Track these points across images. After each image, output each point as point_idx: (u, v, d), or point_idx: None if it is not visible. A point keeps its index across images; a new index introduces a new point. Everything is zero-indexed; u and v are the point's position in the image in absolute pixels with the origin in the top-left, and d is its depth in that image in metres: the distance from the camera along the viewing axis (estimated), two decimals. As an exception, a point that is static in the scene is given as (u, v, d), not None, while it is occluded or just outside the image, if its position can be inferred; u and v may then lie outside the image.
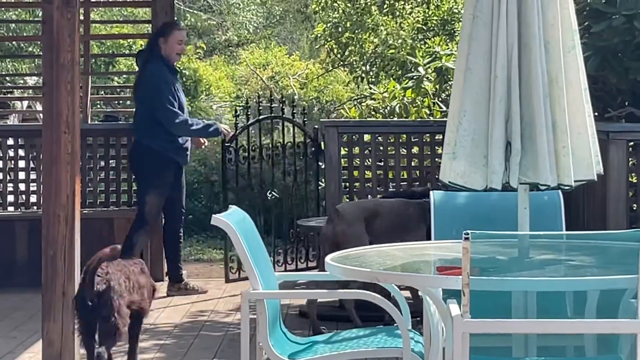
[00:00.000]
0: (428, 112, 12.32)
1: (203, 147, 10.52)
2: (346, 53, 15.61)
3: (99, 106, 11.55)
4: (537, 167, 5.25)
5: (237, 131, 11.00)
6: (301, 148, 11.78)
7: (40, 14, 7.78)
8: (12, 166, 11.26)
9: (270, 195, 10.52)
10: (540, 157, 5.24)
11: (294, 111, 13.01)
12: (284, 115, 11.54)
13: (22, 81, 15.95)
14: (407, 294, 7.42)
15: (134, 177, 10.47)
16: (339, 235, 8.28)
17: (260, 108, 11.47)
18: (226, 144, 10.36)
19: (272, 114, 11.91)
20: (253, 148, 10.91)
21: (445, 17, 14.57)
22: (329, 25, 15.68)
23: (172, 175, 10.10)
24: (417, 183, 10.56)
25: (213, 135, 10.25)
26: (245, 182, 11.47)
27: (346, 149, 10.77)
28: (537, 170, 5.24)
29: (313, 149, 11.48)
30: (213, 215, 5.51)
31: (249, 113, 11.91)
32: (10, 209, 11.18)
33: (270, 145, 12.03)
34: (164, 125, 9.80)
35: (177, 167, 10.07)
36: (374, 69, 15.18)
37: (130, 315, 6.82)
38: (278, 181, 12.63)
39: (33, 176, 11.12)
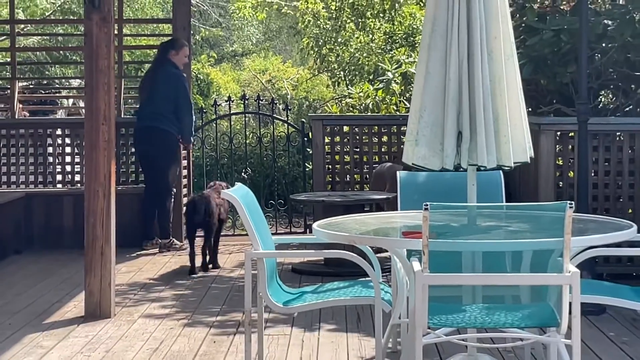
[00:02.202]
0: (395, 108, 12.37)
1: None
2: (324, 63, 15.66)
3: (130, 103, 11.59)
4: (482, 151, 5.19)
5: (218, 117, 11.27)
6: (291, 138, 11.99)
7: (82, 29, 7.85)
8: (60, 151, 11.17)
9: (245, 174, 10.57)
10: (485, 144, 5.20)
11: (283, 109, 13.09)
12: (262, 112, 11.61)
13: (68, 83, 15.81)
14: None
15: (148, 157, 10.13)
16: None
17: (261, 105, 11.58)
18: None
19: (264, 112, 11.99)
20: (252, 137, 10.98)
21: (407, 31, 14.55)
22: (311, 39, 15.73)
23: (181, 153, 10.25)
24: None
25: (190, 136, 10.10)
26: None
27: (329, 138, 10.70)
28: (482, 154, 5.20)
29: (305, 138, 11.64)
30: (222, 190, 5.63)
31: (246, 104, 12.05)
32: (59, 186, 11.07)
33: (268, 135, 12.20)
34: (177, 114, 9.86)
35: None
36: (349, 74, 15.24)
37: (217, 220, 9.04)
38: (268, 163, 12.76)
39: (77, 159, 11.10)
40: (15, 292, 8.06)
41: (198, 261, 8.96)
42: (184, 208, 9.73)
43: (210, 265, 9.07)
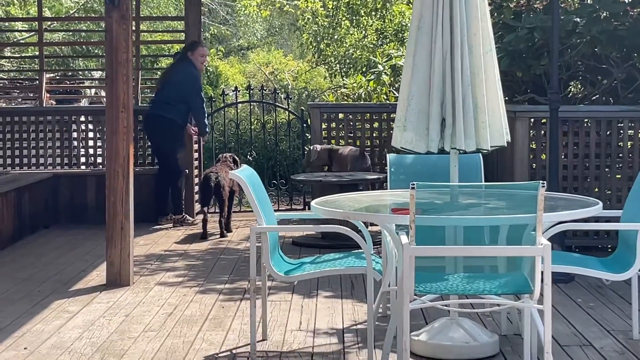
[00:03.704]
0: (385, 97, 12.35)
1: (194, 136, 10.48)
2: (322, 56, 15.65)
3: (146, 92, 11.60)
4: (462, 136, 5.21)
5: (225, 105, 11.36)
6: (292, 125, 11.99)
7: (103, 26, 7.84)
8: (84, 136, 11.18)
9: (250, 156, 10.61)
10: (465, 129, 5.22)
11: (285, 98, 13.08)
12: (266, 101, 11.61)
13: (90, 74, 15.83)
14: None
15: (154, 141, 10.22)
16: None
17: (264, 94, 11.58)
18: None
19: (267, 100, 12.00)
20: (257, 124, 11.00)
21: (396, 28, 14.54)
22: (310, 35, 15.72)
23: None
24: (377, 147, 10.69)
25: (204, 128, 10.12)
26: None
27: (326, 124, 10.68)
28: (463, 139, 5.22)
29: (304, 124, 11.64)
30: (230, 171, 5.64)
31: (251, 94, 12.04)
32: (83, 167, 11.09)
33: (271, 121, 12.18)
34: (187, 105, 9.87)
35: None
36: (344, 67, 15.24)
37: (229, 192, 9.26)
38: (271, 147, 12.75)
39: (99, 143, 11.08)
40: (43, 262, 8.08)
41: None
42: (199, 184, 9.83)
43: (225, 231, 9.39)
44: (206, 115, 10.13)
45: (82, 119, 11.24)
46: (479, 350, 5.10)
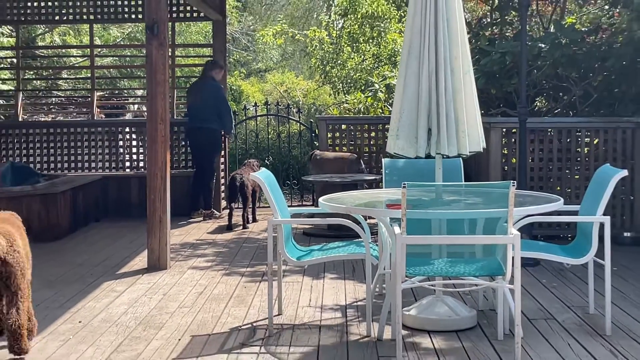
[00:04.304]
0: (381, 111, 12.34)
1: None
2: (327, 77, 15.66)
3: (181, 108, 11.61)
4: (447, 143, 5.23)
5: (247, 118, 11.24)
6: (302, 134, 11.98)
7: (144, 51, 7.85)
8: (129, 144, 11.16)
9: (267, 161, 10.62)
10: (448, 138, 5.23)
11: (296, 112, 13.09)
12: (280, 114, 11.58)
13: (134, 93, 15.90)
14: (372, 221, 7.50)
15: (198, 148, 10.10)
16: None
17: (279, 109, 11.55)
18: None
19: (281, 114, 11.96)
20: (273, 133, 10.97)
21: (390, 53, 14.52)
22: (318, 59, 15.71)
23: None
24: (374, 153, 10.68)
25: (230, 127, 10.08)
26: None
27: (331, 134, 10.64)
28: (446, 146, 5.23)
29: (313, 134, 11.63)
30: (251, 173, 5.64)
31: (268, 108, 12.02)
32: (128, 170, 11.07)
33: (285, 132, 12.16)
34: (219, 115, 9.86)
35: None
36: (346, 86, 15.23)
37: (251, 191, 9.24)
38: (285, 153, 12.73)
39: (141, 150, 11.06)
40: (95, 250, 8.09)
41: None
42: (226, 184, 9.86)
43: (250, 223, 9.51)
44: (232, 116, 10.15)
45: (127, 129, 11.23)
46: (460, 323, 5.09)
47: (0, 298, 4.60)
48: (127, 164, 11.19)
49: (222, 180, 10.77)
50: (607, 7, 9.97)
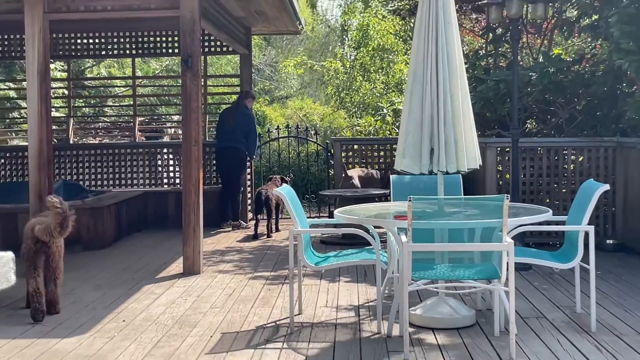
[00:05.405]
0: (389, 133, 12.38)
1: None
2: (342, 103, 15.70)
3: (212, 131, 11.64)
4: (447, 161, 5.23)
5: (270, 139, 11.23)
6: (319, 154, 11.97)
7: (180, 81, 7.87)
8: (166, 163, 11.18)
9: (288, 177, 10.62)
10: (448, 156, 5.22)
11: (314, 134, 13.10)
12: (300, 136, 11.57)
13: (170, 118, 16.03)
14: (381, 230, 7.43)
15: (227, 166, 10.03)
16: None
17: (299, 131, 11.54)
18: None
19: (301, 136, 11.95)
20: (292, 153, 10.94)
21: (397, 81, 14.56)
22: (333, 87, 15.76)
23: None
24: (383, 170, 10.64)
25: (253, 152, 10.03)
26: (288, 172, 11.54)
27: (344, 153, 10.66)
28: (446, 163, 5.23)
29: (328, 153, 11.63)
30: (274, 188, 5.64)
31: (289, 131, 12.03)
32: (165, 186, 11.08)
33: (304, 151, 12.14)
34: (246, 139, 9.87)
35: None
36: (358, 111, 15.26)
37: (275, 204, 9.30)
38: (304, 170, 12.71)
39: (177, 169, 11.08)
40: (137, 257, 8.10)
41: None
42: (252, 198, 9.87)
43: (274, 232, 9.49)
44: (257, 143, 10.13)
45: (165, 150, 11.26)
46: (461, 321, 5.06)
47: (41, 274, 5.36)
48: (165, 180, 11.20)
49: (249, 195, 10.77)
50: (589, 39, 9.96)
